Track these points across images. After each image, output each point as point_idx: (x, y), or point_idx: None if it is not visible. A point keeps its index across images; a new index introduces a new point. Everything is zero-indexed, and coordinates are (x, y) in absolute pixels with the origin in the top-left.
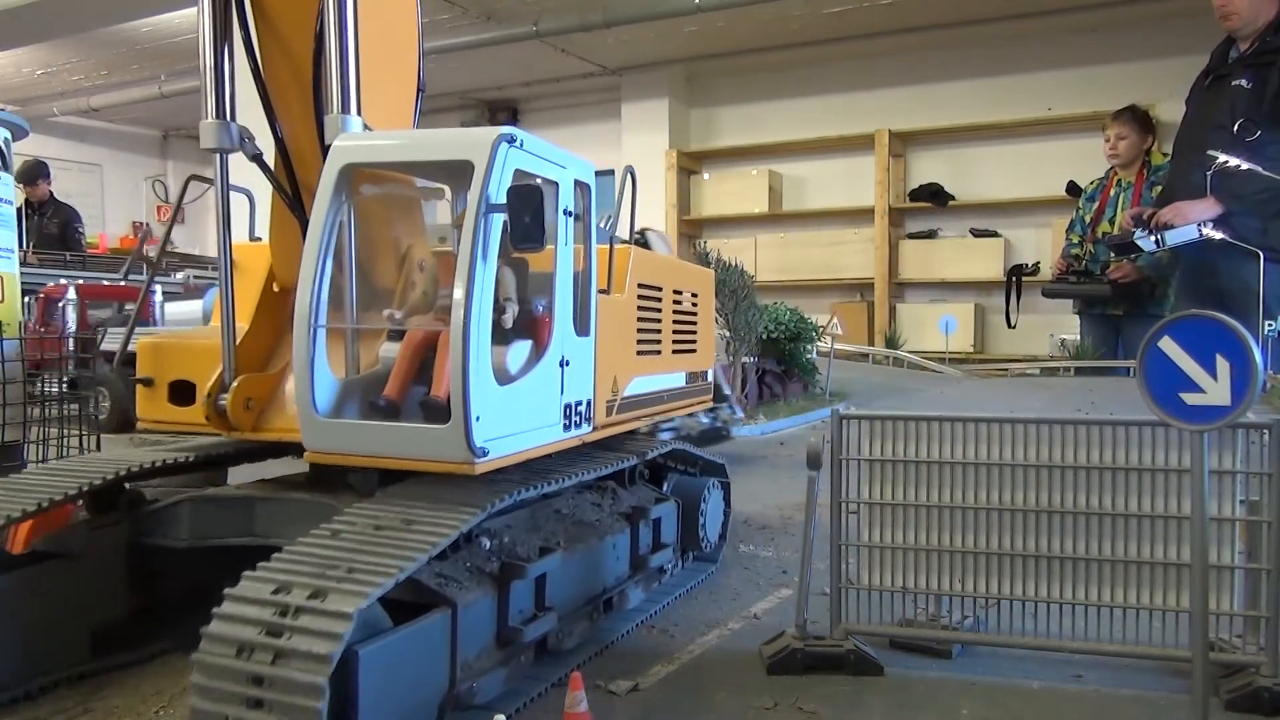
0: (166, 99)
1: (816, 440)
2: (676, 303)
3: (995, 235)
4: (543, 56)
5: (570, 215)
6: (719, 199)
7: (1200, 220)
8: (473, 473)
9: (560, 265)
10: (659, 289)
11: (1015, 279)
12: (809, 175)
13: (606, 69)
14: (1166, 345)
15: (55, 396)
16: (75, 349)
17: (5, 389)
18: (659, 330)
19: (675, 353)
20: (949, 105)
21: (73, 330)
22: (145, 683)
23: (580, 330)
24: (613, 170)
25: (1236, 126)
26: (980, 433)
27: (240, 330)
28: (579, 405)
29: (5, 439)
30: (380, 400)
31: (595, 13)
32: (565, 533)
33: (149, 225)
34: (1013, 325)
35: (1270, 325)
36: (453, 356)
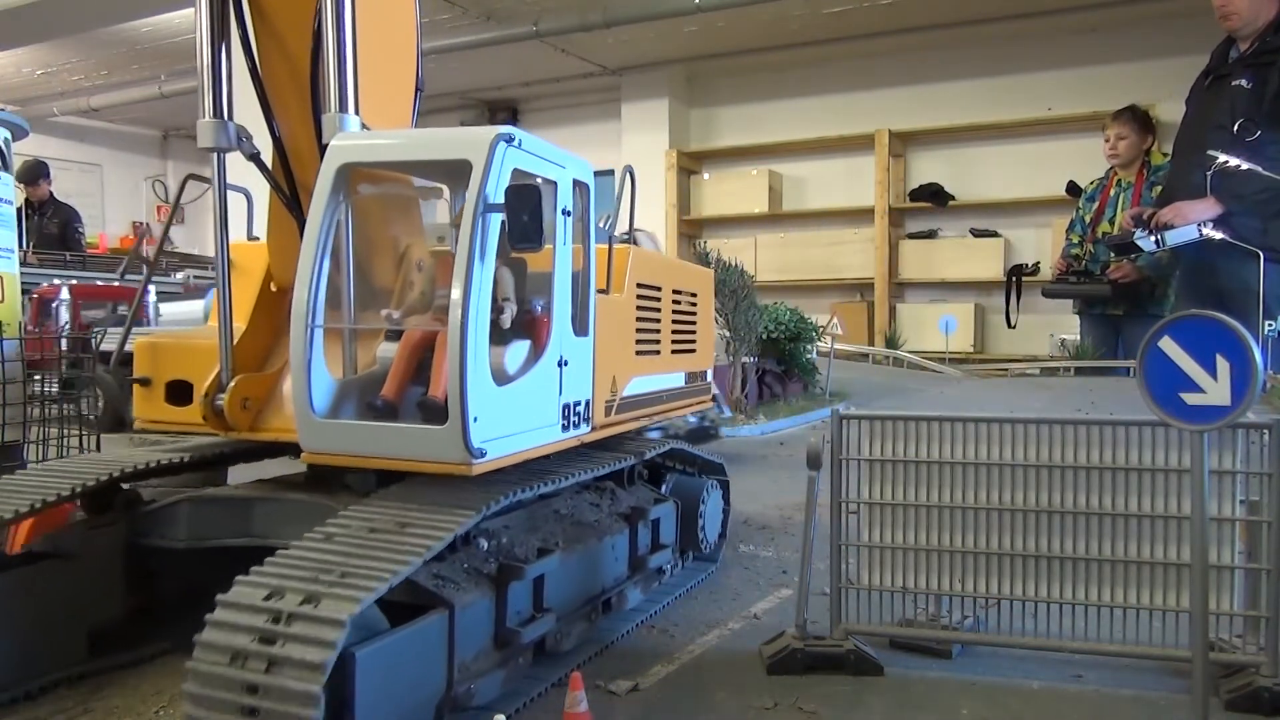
0: (166, 99)
1: (816, 440)
2: (676, 303)
3: (995, 235)
4: (543, 56)
5: (569, 215)
6: (719, 199)
7: (1200, 220)
8: (470, 473)
9: (559, 265)
10: (658, 289)
11: (1015, 279)
12: (809, 175)
13: (606, 69)
14: (1166, 345)
15: (50, 397)
16: (69, 349)
17: (5, 389)
18: (658, 330)
19: (674, 353)
20: (949, 105)
21: (66, 330)
22: (145, 683)
23: (579, 330)
24: (612, 170)
25: (1236, 126)
26: (980, 433)
27: (238, 330)
28: (577, 405)
29: (5, 439)
30: (377, 400)
31: (595, 13)
32: (564, 533)
33: (148, 225)
34: (1013, 325)
35: (1270, 325)
36: (450, 357)
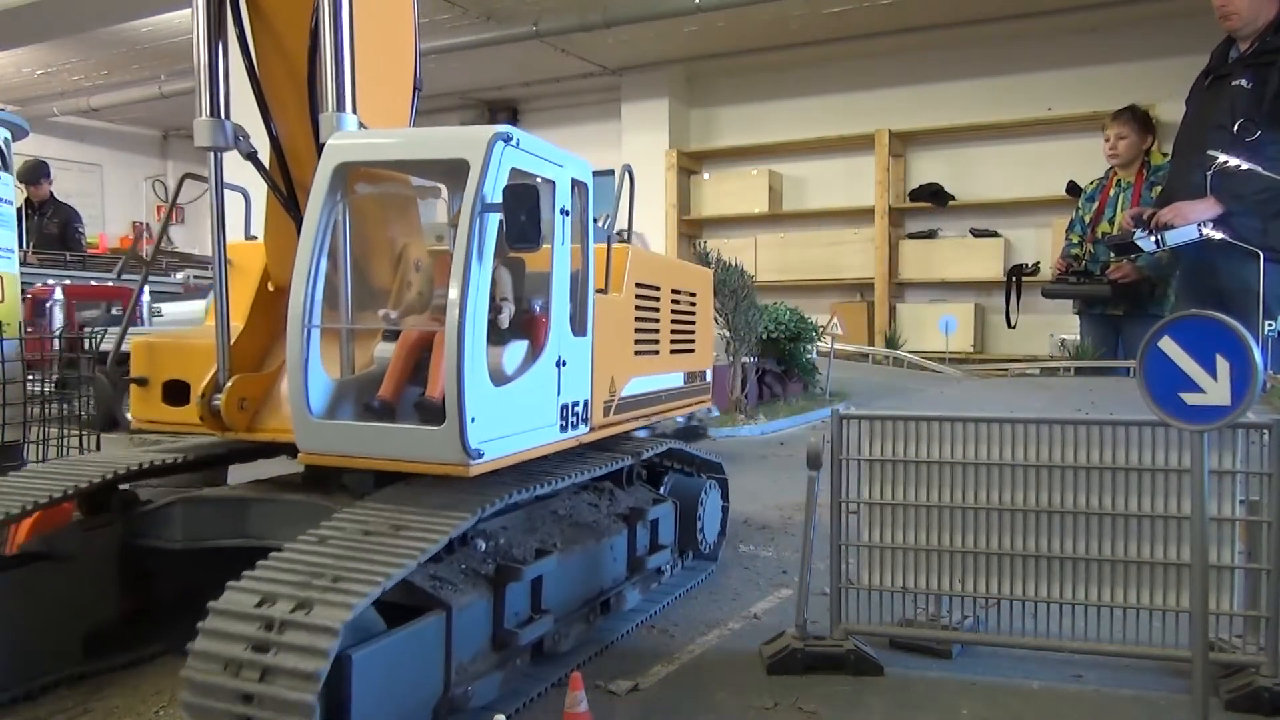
0: (166, 99)
1: (816, 440)
2: (675, 302)
3: (995, 235)
4: (543, 56)
5: (567, 214)
6: (719, 199)
7: (1200, 220)
8: (468, 474)
9: (557, 265)
10: (657, 289)
11: (1015, 279)
12: (809, 175)
13: (606, 69)
14: (1166, 345)
15: (46, 397)
16: (63, 349)
17: (5, 389)
18: (657, 330)
19: (673, 353)
20: (949, 105)
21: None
22: (145, 683)
23: (577, 330)
24: (612, 170)
25: (1236, 126)
26: (980, 433)
27: (235, 330)
28: (576, 406)
29: (5, 439)
30: (375, 401)
31: (595, 13)
32: (562, 534)
33: (148, 225)
34: (1013, 325)
35: (1270, 325)
36: (448, 357)
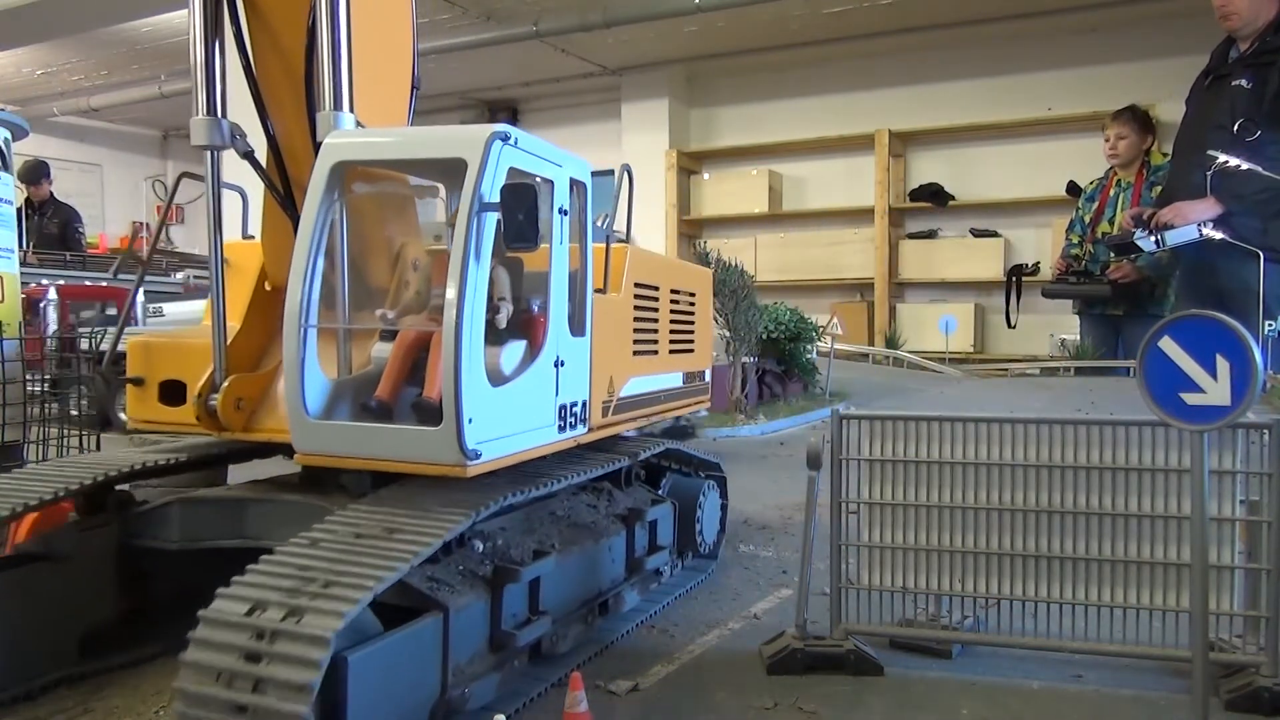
0: (166, 99)
1: (816, 440)
2: (674, 302)
3: (995, 235)
4: (543, 56)
5: (565, 214)
6: (719, 199)
7: (1200, 220)
8: (465, 475)
9: (555, 264)
10: (656, 288)
11: (1015, 279)
12: (809, 175)
13: (606, 69)
14: (1166, 345)
15: (42, 396)
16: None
17: (5, 389)
18: (656, 330)
19: (672, 353)
20: (949, 105)
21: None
22: (145, 683)
23: (576, 330)
24: (612, 170)
25: (1236, 126)
26: (980, 433)
27: (232, 329)
28: (574, 406)
29: (5, 439)
30: (372, 401)
31: (595, 13)
32: (560, 535)
33: (148, 225)
34: (1013, 325)
35: (1270, 325)
36: (445, 357)
